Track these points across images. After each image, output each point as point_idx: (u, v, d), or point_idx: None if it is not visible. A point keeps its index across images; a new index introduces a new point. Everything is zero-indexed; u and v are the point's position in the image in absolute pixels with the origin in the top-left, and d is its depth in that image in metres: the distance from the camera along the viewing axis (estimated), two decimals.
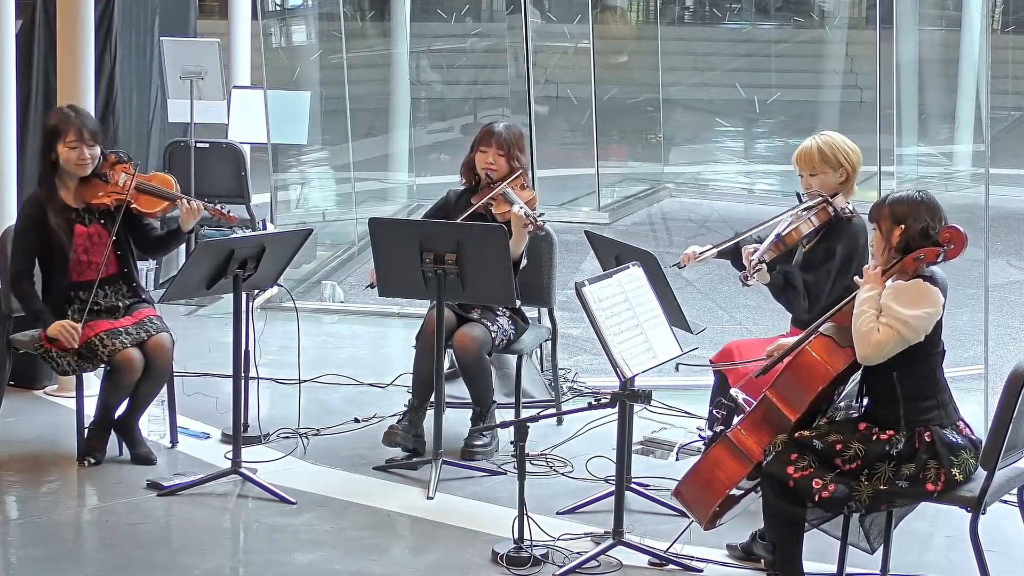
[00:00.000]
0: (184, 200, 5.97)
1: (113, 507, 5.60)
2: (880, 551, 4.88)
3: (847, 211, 5.49)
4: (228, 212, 6.03)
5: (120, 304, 6.02)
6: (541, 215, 6.07)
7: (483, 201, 6.14)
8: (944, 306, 4.66)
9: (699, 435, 5.95)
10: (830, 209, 5.47)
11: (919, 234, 4.64)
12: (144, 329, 5.94)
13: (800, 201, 5.55)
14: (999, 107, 15.29)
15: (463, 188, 6.39)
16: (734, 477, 4.73)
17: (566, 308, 7.50)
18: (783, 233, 5.45)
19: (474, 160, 6.29)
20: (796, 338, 4.89)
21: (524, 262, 6.14)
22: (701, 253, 5.60)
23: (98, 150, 5.97)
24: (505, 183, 6.18)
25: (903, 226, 4.65)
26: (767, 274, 5.44)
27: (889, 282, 4.64)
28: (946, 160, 15.10)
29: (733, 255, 5.65)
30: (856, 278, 4.78)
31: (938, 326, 4.66)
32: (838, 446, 4.60)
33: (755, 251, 5.42)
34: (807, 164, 5.54)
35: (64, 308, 5.93)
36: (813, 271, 5.48)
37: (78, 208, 5.99)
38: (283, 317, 7.75)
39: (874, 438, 4.61)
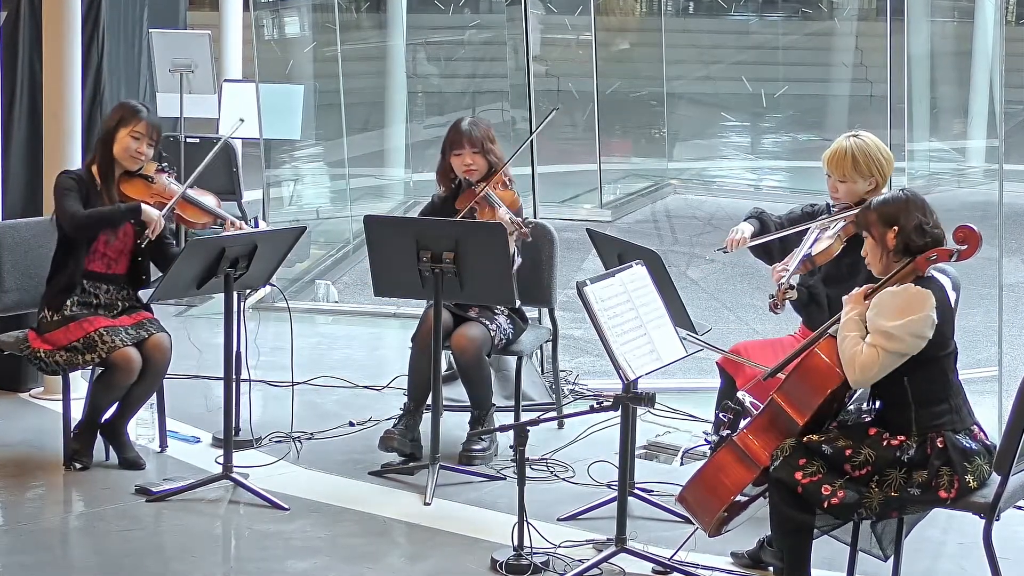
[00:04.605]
0: (230, 220, 5.99)
1: (101, 513, 5.56)
2: (891, 558, 4.82)
3: None
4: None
5: (119, 304, 5.99)
6: (527, 221, 6.00)
7: (467, 208, 6.04)
8: (957, 304, 4.58)
9: (704, 439, 5.88)
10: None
11: (915, 232, 4.57)
12: (144, 329, 5.92)
13: (829, 213, 5.42)
14: (1013, 101, 15.20)
15: (445, 194, 6.28)
16: (740, 483, 4.67)
17: (567, 308, 7.50)
18: (813, 253, 5.34)
19: (450, 165, 6.19)
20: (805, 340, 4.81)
21: (519, 261, 6.05)
22: (752, 236, 5.47)
23: (153, 153, 5.99)
24: (486, 185, 6.07)
25: (896, 227, 4.58)
26: (795, 293, 5.35)
27: (892, 289, 4.53)
28: (959, 156, 15.09)
29: (769, 256, 5.53)
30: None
31: (948, 327, 4.56)
32: (848, 451, 4.53)
33: (784, 273, 5.31)
34: (838, 168, 5.43)
35: (67, 295, 5.87)
36: (836, 286, 5.35)
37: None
38: (276, 317, 7.77)
39: (885, 443, 4.53)
